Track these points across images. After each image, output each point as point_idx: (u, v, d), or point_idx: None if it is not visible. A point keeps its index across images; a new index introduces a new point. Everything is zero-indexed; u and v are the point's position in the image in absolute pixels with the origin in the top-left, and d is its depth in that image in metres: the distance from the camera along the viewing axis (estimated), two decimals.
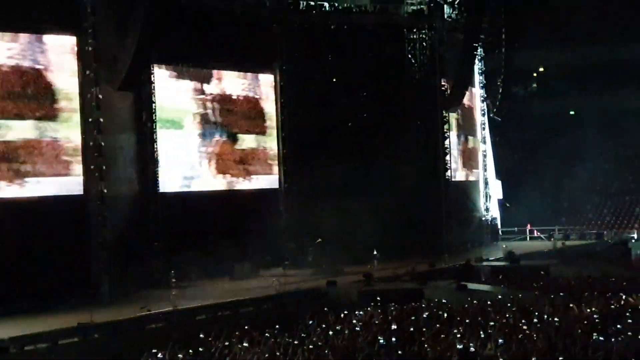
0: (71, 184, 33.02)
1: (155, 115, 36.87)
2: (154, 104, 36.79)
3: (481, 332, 19.59)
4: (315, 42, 44.13)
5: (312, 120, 43.33)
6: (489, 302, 25.41)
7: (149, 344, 22.19)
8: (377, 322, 22.66)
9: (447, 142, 47.05)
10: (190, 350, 20.30)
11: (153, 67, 36.92)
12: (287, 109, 43.32)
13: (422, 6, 47.15)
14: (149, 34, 33.78)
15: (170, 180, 37.82)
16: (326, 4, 44.93)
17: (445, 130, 46.97)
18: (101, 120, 32.84)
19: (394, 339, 19.12)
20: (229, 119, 41.00)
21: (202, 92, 39.84)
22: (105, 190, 32.89)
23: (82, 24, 32.64)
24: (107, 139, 33.38)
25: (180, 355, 19.71)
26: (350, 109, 45.02)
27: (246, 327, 22.84)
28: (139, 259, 34.70)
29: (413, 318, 23.03)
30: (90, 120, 32.76)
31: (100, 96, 32.78)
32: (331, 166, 43.21)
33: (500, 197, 56.26)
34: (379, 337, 19.41)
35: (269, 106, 43.00)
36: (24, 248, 30.71)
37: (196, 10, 38.56)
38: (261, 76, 42.75)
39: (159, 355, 20.24)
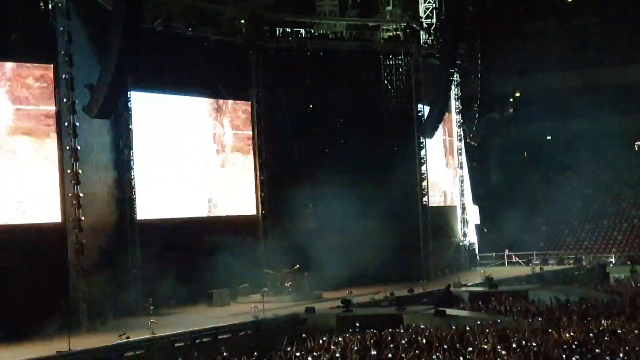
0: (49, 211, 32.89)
1: (132, 142, 36.87)
2: (131, 131, 36.80)
3: (460, 358, 19.61)
4: (292, 68, 44.28)
5: (289, 147, 43.43)
6: (467, 328, 25.43)
7: None
8: (355, 347, 22.63)
9: (424, 167, 47.18)
10: None
11: (130, 94, 36.97)
12: (264, 135, 43.37)
13: (398, 32, 47.56)
14: (125, 62, 33.75)
15: (148, 207, 37.78)
16: (302, 31, 45.16)
17: (422, 155, 47.11)
18: (78, 147, 32.75)
19: None
20: (206, 145, 41.06)
21: (179, 119, 39.88)
22: (83, 218, 32.74)
23: (59, 51, 32.59)
24: (85, 167, 33.29)
25: None
26: (327, 135, 45.19)
27: (225, 354, 22.80)
28: (117, 286, 34.58)
29: (392, 344, 23.02)
30: (67, 147, 32.66)
31: (77, 124, 32.70)
32: (308, 192, 43.36)
33: (478, 222, 56.42)
34: None
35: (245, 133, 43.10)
36: (1, 276, 30.48)
37: (172, 37, 38.70)
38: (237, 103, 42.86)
39: None
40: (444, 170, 52.43)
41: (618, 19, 68.69)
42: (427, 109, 47.55)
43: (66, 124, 32.58)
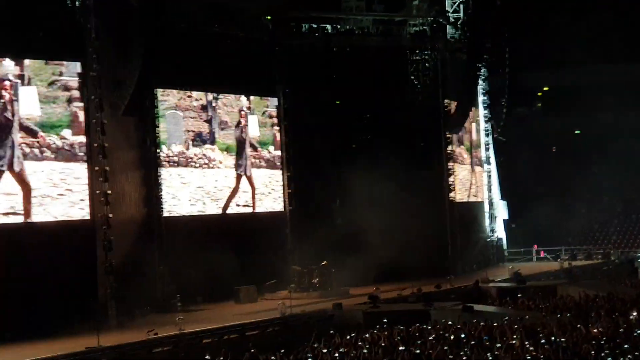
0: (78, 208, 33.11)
1: (159, 139, 37.02)
2: (157, 128, 36.94)
3: (488, 354, 19.52)
4: (318, 65, 44.19)
5: (316, 143, 43.45)
6: (495, 324, 25.32)
7: None
8: (383, 344, 22.58)
9: (450, 163, 47.04)
10: None
11: (156, 91, 37.09)
12: (291, 132, 43.40)
13: (424, 27, 47.22)
14: (151, 59, 33.92)
15: (175, 204, 37.91)
16: (328, 27, 45.05)
17: (448, 151, 46.97)
18: (106, 145, 32.91)
19: None
20: (232, 141, 41.15)
21: (205, 116, 39.97)
22: (111, 215, 32.94)
23: (87, 49, 32.77)
24: (112, 164, 33.46)
25: None
26: (353, 131, 45.11)
27: (252, 350, 22.81)
28: (145, 283, 34.73)
29: (420, 340, 22.96)
30: (95, 145, 32.84)
31: (105, 121, 32.87)
32: (335, 189, 43.32)
33: (506, 217, 56.20)
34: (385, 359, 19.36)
35: (271, 130, 43.21)
36: (31, 273, 30.69)
37: (199, 35, 38.74)
38: (263, 100, 42.93)
39: None
40: (471, 166, 52.26)
41: None
42: (453, 104, 47.40)
43: (94, 121, 32.76)
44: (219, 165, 40.21)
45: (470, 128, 52.42)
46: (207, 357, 22.39)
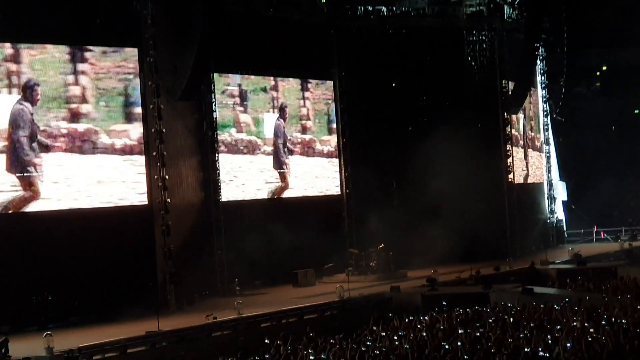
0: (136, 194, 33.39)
1: (216, 124, 37.14)
2: (214, 113, 37.07)
3: (548, 336, 19.36)
4: (374, 47, 44.02)
5: (372, 126, 43.35)
6: (555, 306, 25.10)
7: (215, 352, 22.37)
8: (442, 326, 22.50)
9: (508, 144, 46.64)
10: (256, 357, 20.37)
11: (213, 76, 37.20)
12: (347, 114, 43.33)
13: (481, 7, 46.71)
14: (207, 44, 34.00)
15: (232, 188, 38.06)
16: (384, 9, 44.80)
17: (507, 132, 46.57)
18: (163, 130, 33.12)
19: (459, 344, 18.97)
20: (289, 125, 41.18)
21: (261, 100, 40.02)
22: (169, 200, 33.16)
23: (143, 35, 32.95)
24: (169, 149, 33.66)
25: None
26: (410, 113, 44.89)
27: (310, 334, 22.85)
28: (203, 267, 34.94)
29: (479, 322, 22.84)
30: (152, 130, 33.06)
31: (162, 106, 33.06)
32: (393, 171, 43.18)
33: (565, 198, 55.62)
34: (444, 343, 19.28)
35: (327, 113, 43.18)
36: (91, 258, 31.02)
37: (253, 19, 38.77)
38: (319, 83, 42.88)
39: None
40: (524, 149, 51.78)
41: None
42: (511, 84, 46.96)
43: (151, 106, 32.97)
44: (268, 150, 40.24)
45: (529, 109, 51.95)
46: (265, 340, 22.48)
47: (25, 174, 30.36)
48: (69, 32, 31.67)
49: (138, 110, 33.19)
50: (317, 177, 42.37)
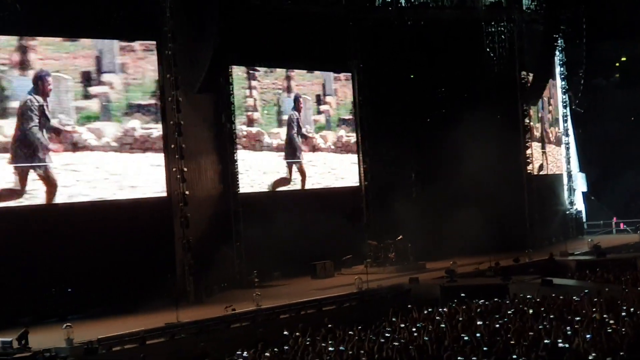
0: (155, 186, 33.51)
1: (234, 116, 37.17)
2: (232, 105, 37.10)
3: (568, 328, 19.31)
4: (392, 39, 43.92)
5: (390, 117, 43.28)
6: (575, 297, 25.04)
7: (234, 343, 22.42)
8: (461, 318, 22.48)
9: (527, 135, 46.49)
10: (275, 349, 20.40)
11: (231, 68, 37.22)
12: (366, 106, 43.28)
13: None
14: (226, 36, 34.03)
15: (250, 180, 38.10)
16: (402, 0, 44.71)
17: (526, 123, 46.41)
18: (182, 122, 33.18)
19: (478, 335, 18.96)
20: (307, 117, 41.17)
21: (279, 92, 40.00)
22: (188, 192, 33.23)
23: (162, 28, 33.00)
24: (188, 141, 33.72)
25: (267, 354, 19.78)
26: (428, 105, 44.79)
27: (329, 325, 22.88)
28: (222, 259, 35.01)
29: (498, 314, 22.81)
30: (171, 122, 33.14)
31: (180, 99, 33.13)
32: (411, 162, 43.13)
33: (585, 190, 55.41)
34: (463, 334, 19.27)
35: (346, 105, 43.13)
36: (110, 250, 31.13)
37: (271, 11, 38.73)
38: (338, 75, 42.81)
39: (245, 354, 20.41)
40: (548, 138, 51.59)
41: None
42: (530, 76, 46.78)
43: (169, 99, 33.03)
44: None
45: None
46: (284, 332, 22.52)
47: (38, 167, 30.43)
48: (87, 26, 31.72)
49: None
50: (335, 169, 42.32)
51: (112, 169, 32.20)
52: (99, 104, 31.99)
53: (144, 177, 33.11)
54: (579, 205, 53.95)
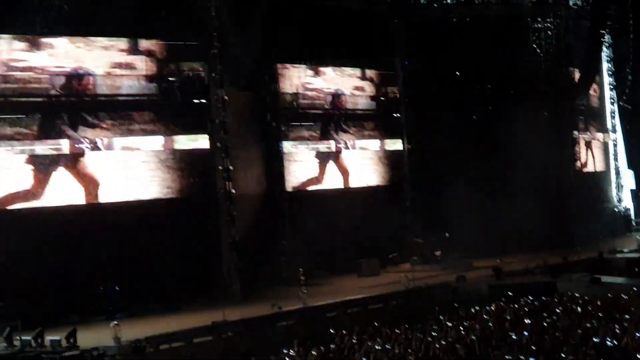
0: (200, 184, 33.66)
1: (279, 114, 37.21)
2: (277, 103, 37.14)
3: (616, 325, 19.13)
4: (437, 36, 43.72)
5: (435, 115, 43.11)
6: (623, 295, 24.78)
7: (280, 341, 22.45)
8: (508, 317, 22.34)
9: (575, 132, 46.08)
10: (322, 347, 20.39)
11: (276, 66, 37.26)
12: (410, 104, 43.15)
13: None
14: (270, 34, 34.11)
15: (294, 178, 38.13)
16: None
17: (573, 120, 45.99)
18: (227, 120, 33.27)
19: (526, 334, 18.82)
20: (352, 115, 41.13)
21: (324, 90, 39.98)
22: (233, 190, 33.31)
23: (207, 27, 33.10)
24: (233, 139, 33.81)
25: (313, 352, 19.79)
26: (475, 102, 44.55)
27: (375, 324, 22.84)
28: (268, 258, 35.06)
29: (546, 312, 22.65)
30: (217, 121, 33.23)
31: (226, 97, 33.22)
32: (457, 160, 42.88)
33: (633, 187, 54.85)
34: (511, 333, 19.16)
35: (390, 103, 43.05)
36: (157, 249, 31.32)
37: (316, 9, 38.72)
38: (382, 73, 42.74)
39: (291, 352, 20.43)
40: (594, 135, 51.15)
41: None
42: (577, 72, 46.37)
43: (215, 97, 33.13)
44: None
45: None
46: (330, 330, 22.50)
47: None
48: (132, 25, 31.93)
49: None
50: (377, 165, 42.25)
51: (158, 167, 32.39)
52: None
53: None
54: (627, 202, 53.40)
